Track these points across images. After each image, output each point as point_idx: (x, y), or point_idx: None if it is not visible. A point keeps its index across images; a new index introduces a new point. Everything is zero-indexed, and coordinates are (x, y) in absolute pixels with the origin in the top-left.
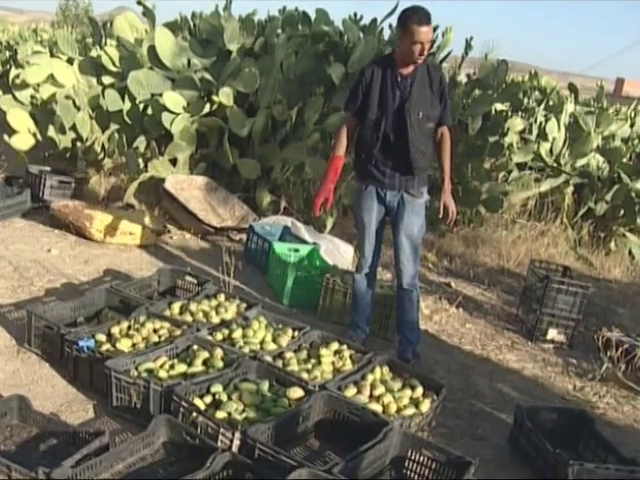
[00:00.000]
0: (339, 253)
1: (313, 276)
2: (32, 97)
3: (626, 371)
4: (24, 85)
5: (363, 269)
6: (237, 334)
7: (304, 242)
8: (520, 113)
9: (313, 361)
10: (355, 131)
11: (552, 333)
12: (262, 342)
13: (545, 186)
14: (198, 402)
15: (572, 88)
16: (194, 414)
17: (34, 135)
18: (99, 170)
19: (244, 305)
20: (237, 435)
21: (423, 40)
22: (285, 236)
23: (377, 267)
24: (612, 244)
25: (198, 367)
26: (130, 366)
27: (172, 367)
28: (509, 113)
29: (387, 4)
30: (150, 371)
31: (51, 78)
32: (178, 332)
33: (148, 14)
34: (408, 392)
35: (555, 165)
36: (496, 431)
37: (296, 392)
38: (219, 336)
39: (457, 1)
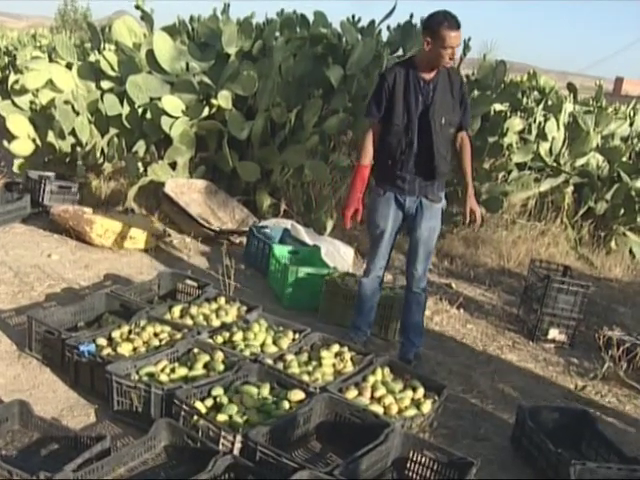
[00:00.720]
0: (339, 255)
1: (313, 278)
2: (31, 102)
3: (627, 370)
4: (23, 90)
5: (371, 273)
6: (238, 337)
7: (304, 244)
8: (519, 113)
9: (314, 363)
10: (378, 137)
11: (553, 333)
12: (263, 345)
13: (545, 186)
14: (199, 405)
15: (571, 88)
16: (195, 417)
17: (33, 140)
18: (99, 175)
19: (244, 308)
20: (238, 438)
21: (454, 45)
22: (285, 239)
23: (385, 272)
24: (612, 243)
25: (199, 370)
26: (131, 370)
27: (173, 371)
28: (508, 113)
29: (385, 5)
30: (151, 375)
31: (50, 83)
32: (179, 336)
33: (146, 18)
34: (409, 393)
35: (555, 165)
36: (498, 431)
37: (297, 394)
38: (220, 339)
39: (455, 2)
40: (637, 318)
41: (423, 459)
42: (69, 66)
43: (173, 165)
